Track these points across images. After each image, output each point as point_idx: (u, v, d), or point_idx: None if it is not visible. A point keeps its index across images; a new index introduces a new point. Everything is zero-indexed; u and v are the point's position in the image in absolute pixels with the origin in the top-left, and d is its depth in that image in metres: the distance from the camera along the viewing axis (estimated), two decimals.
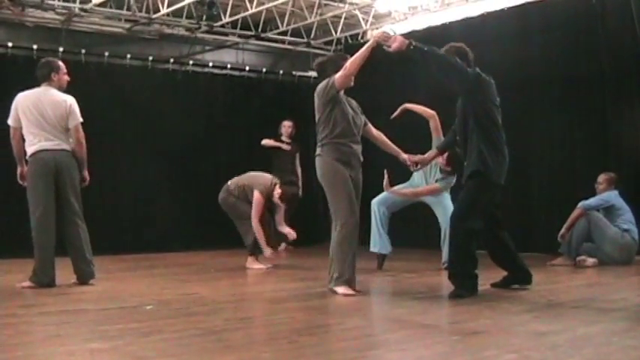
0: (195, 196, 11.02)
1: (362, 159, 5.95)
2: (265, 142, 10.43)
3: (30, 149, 6.45)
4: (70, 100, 6.62)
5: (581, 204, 8.06)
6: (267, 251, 8.08)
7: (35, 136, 6.43)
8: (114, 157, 10.53)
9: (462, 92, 5.77)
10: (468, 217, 5.60)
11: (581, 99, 9.10)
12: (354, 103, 6.04)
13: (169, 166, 10.99)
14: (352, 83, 5.88)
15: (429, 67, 5.76)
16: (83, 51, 10.31)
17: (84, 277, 6.57)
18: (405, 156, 6.31)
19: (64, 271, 6.54)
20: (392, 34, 5.72)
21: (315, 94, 5.90)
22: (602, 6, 8.95)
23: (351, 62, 5.72)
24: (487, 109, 5.68)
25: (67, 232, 6.57)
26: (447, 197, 7.60)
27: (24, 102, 6.48)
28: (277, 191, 8.18)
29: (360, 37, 12.03)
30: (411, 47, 5.50)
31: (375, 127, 6.28)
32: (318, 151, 5.91)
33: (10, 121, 6.52)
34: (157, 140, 10.90)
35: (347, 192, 5.75)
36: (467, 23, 9.93)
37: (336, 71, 5.82)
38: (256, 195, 8.10)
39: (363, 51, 5.69)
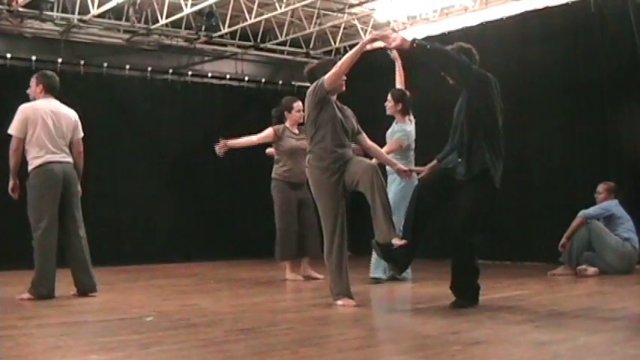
0: (195, 207, 11.02)
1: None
2: (270, 150, 10.32)
3: (36, 161, 6.41)
4: (76, 114, 6.69)
5: (581, 213, 8.00)
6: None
7: (42, 148, 6.40)
8: (113, 168, 10.54)
9: (466, 89, 5.56)
10: (472, 230, 5.46)
11: (580, 107, 9.10)
12: (348, 110, 5.87)
13: (169, 177, 10.99)
14: (344, 88, 5.75)
15: (432, 63, 5.63)
16: (82, 62, 10.36)
17: (86, 289, 6.54)
18: (400, 167, 6.21)
19: (62, 283, 6.51)
20: (393, 33, 5.63)
21: (306, 98, 5.74)
22: (601, 14, 8.96)
23: (343, 60, 5.55)
24: (492, 111, 5.51)
25: (71, 244, 6.53)
26: None
27: (36, 113, 6.43)
28: (292, 115, 7.98)
29: None
30: (414, 45, 5.40)
31: (374, 135, 6.17)
32: (306, 159, 5.80)
33: (15, 132, 6.43)
34: (156, 151, 10.91)
35: (331, 204, 5.61)
36: (466, 32, 9.91)
37: None
38: (268, 130, 8.02)
39: (355, 49, 5.55)
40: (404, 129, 7.45)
